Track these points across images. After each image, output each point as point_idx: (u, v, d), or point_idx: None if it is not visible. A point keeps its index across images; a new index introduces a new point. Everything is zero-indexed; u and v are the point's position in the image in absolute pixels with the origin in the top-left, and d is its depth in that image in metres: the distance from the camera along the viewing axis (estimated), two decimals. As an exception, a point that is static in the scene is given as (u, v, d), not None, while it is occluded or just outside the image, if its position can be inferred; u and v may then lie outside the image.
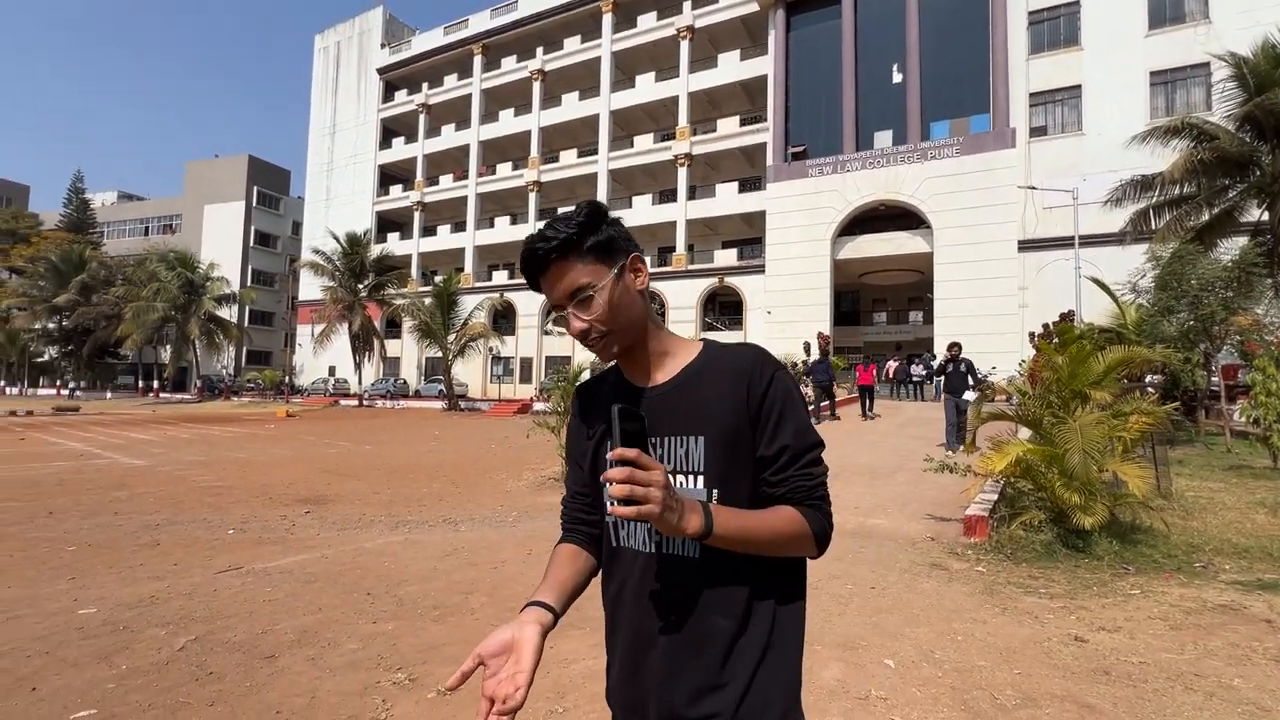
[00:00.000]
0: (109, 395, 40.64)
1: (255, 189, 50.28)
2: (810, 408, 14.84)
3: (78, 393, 39.58)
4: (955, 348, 10.33)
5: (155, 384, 41.34)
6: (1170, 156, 14.87)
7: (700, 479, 0.93)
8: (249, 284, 47.42)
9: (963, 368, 10.08)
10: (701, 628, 0.91)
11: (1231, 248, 13.74)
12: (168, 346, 38.13)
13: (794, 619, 0.95)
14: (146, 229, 54.12)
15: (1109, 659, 3.08)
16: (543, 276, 0.94)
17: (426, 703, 2.61)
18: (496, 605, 3.80)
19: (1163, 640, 3.31)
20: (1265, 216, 14.08)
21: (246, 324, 46.08)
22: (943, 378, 10.48)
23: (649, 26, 33.31)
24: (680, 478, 0.93)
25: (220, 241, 48.93)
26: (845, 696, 2.69)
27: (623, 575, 0.99)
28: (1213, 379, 13.37)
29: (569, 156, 35.65)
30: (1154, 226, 15.60)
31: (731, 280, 30.26)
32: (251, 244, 49.75)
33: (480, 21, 39.31)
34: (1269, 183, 13.65)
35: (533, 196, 36.20)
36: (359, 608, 3.73)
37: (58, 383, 44.96)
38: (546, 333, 34.54)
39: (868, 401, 15.05)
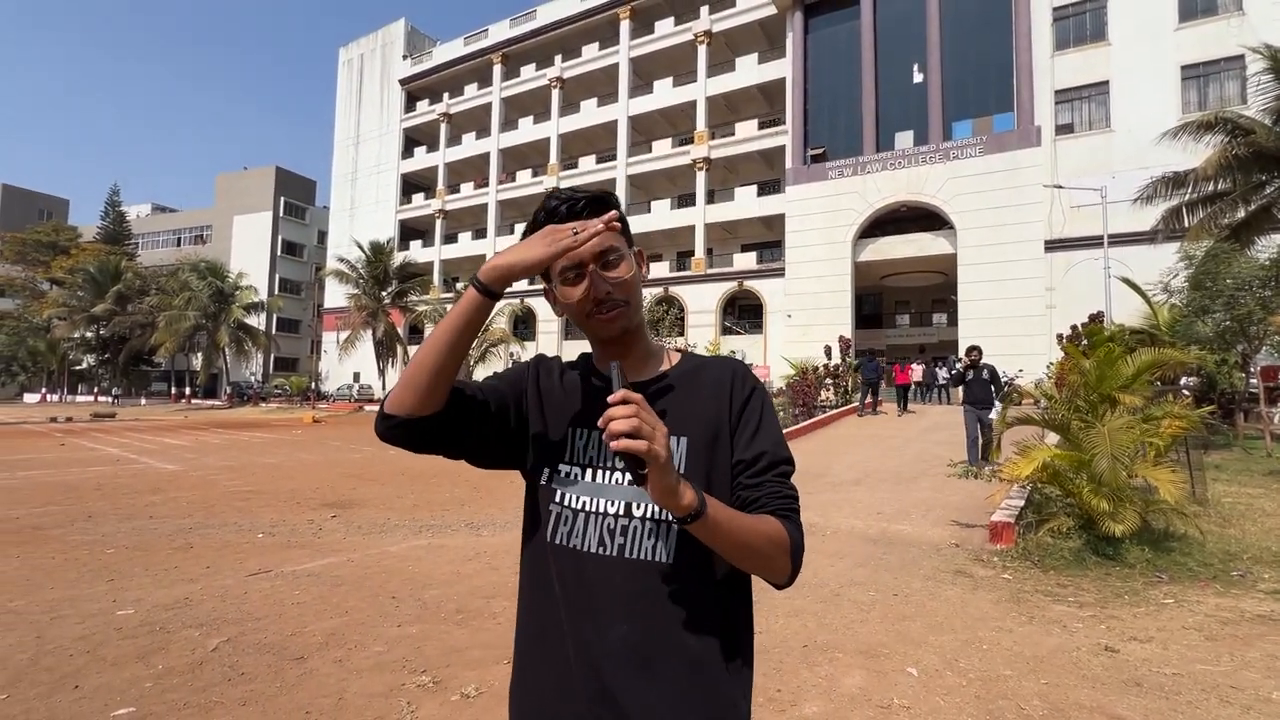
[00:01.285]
0: (144, 401, 41.86)
1: (282, 199, 51.41)
2: (865, 400, 16.24)
3: (117, 400, 40.80)
4: (975, 352, 9.24)
5: (187, 390, 42.49)
6: (1203, 152, 14.46)
7: None
8: (276, 292, 48.44)
9: (985, 375, 9.02)
10: (666, 646, 0.85)
11: (1269, 245, 13.30)
12: (199, 354, 39.14)
13: (750, 652, 0.92)
14: (179, 240, 55.66)
15: (1141, 670, 3.01)
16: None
17: (450, 705, 2.65)
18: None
19: (1197, 651, 3.22)
20: (1305, 213, 13.63)
21: (274, 331, 47.10)
22: (963, 386, 9.45)
23: (666, 32, 33.40)
24: None
25: (249, 251, 50.13)
26: (867, 705, 2.68)
27: (562, 581, 0.89)
28: (1251, 381, 12.96)
29: (588, 163, 35.85)
30: (1187, 224, 15.18)
31: (751, 284, 30.13)
32: (279, 253, 50.84)
33: (500, 31, 39.81)
34: (1308, 178, 13.22)
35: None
36: (384, 611, 3.79)
37: (95, 389, 46.39)
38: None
39: (904, 400, 17.24)
